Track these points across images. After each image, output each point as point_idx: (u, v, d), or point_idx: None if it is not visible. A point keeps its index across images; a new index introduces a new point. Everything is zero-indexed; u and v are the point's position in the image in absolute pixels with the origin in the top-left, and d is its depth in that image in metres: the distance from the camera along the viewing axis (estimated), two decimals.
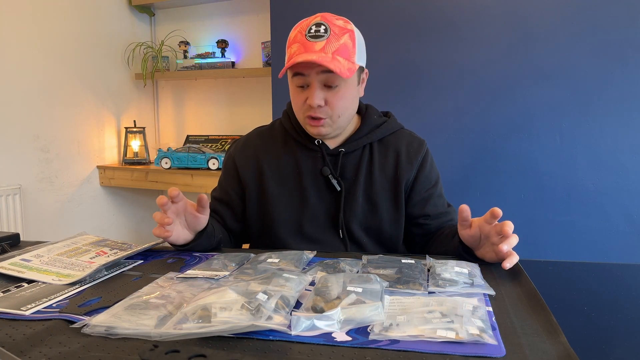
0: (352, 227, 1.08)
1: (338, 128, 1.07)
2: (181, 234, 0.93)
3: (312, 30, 0.98)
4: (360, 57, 1.02)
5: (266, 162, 1.12)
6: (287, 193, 1.10)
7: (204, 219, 0.95)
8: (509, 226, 0.80)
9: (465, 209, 0.86)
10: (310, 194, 1.09)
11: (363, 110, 1.15)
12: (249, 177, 1.13)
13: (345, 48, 0.98)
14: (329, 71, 0.97)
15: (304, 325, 0.57)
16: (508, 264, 0.79)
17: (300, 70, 0.99)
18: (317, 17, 1.00)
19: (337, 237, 1.09)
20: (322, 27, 0.98)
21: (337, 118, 1.04)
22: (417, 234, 1.13)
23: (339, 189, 1.08)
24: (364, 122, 1.12)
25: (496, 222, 0.82)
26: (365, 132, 1.11)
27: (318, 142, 1.10)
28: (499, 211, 0.80)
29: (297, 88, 1.03)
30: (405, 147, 1.12)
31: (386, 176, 1.10)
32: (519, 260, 0.84)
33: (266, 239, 1.12)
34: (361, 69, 1.06)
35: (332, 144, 1.11)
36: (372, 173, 1.09)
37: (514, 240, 0.81)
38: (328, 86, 1.00)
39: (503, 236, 0.80)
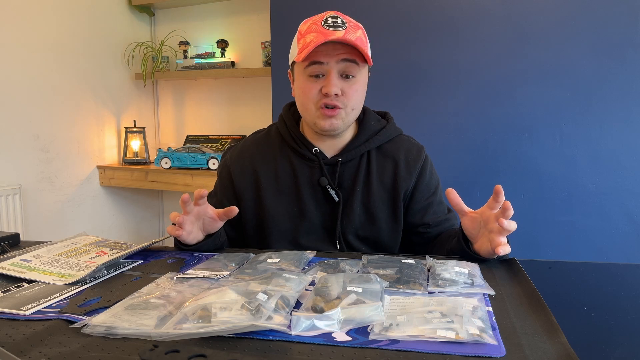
0: (349, 238, 1.07)
1: (348, 123, 1.05)
2: (196, 235, 0.95)
3: (329, 21, 0.97)
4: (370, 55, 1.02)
5: (263, 172, 1.10)
6: (284, 204, 1.08)
7: (220, 224, 0.97)
8: (510, 211, 0.80)
9: (449, 192, 0.87)
10: (308, 205, 1.07)
11: (361, 115, 1.12)
12: (245, 188, 1.11)
13: (361, 41, 0.99)
14: (349, 60, 0.97)
15: (304, 325, 0.57)
16: (502, 250, 0.80)
17: (320, 58, 0.97)
18: (330, 12, 1.00)
19: (333, 248, 1.07)
20: (339, 19, 0.98)
21: (350, 111, 1.02)
22: (417, 243, 1.12)
23: (337, 199, 1.06)
24: (362, 129, 1.09)
25: (499, 208, 0.82)
26: (363, 140, 1.08)
27: (315, 150, 1.08)
28: (500, 189, 0.81)
29: (310, 78, 1.00)
30: (404, 156, 1.09)
31: (384, 186, 1.08)
32: (519, 260, 0.84)
33: (262, 246, 1.10)
34: (369, 67, 1.05)
35: (329, 153, 1.09)
36: (370, 183, 1.07)
37: (514, 224, 0.81)
38: (344, 77, 0.99)
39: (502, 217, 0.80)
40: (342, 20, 0.98)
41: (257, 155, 1.12)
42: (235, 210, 0.94)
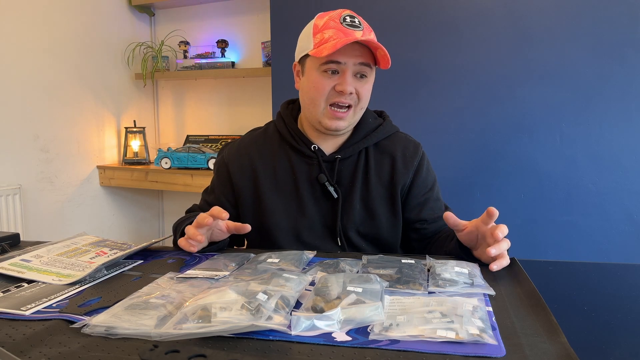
0: (349, 235, 1.07)
1: (353, 123, 1.07)
2: (203, 244, 0.95)
3: (348, 20, 0.99)
4: None
5: (261, 169, 1.10)
6: (283, 201, 1.08)
7: (227, 235, 0.98)
8: (501, 231, 0.80)
9: (447, 216, 0.87)
10: (307, 202, 1.07)
11: None
12: (243, 185, 1.11)
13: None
14: (365, 63, 0.99)
15: (304, 325, 0.57)
16: (495, 266, 0.79)
17: (338, 57, 0.97)
18: (346, 10, 1.01)
19: (335, 244, 1.08)
20: (356, 19, 1.00)
21: (359, 110, 1.04)
22: (415, 239, 1.12)
23: (335, 196, 1.07)
24: (360, 126, 1.10)
25: (492, 224, 0.82)
26: (361, 137, 1.09)
27: (314, 147, 1.08)
28: (494, 211, 0.80)
29: (325, 73, 1.00)
30: (401, 152, 1.10)
31: (382, 182, 1.09)
32: (519, 260, 0.84)
33: (264, 245, 1.10)
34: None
35: (328, 150, 1.09)
36: (368, 179, 1.08)
37: (504, 244, 0.81)
38: (358, 77, 1.01)
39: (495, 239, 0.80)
40: (359, 21, 1.00)
41: (255, 152, 1.12)
42: (248, 228, 0.95)
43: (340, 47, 0.94)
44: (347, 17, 0.99)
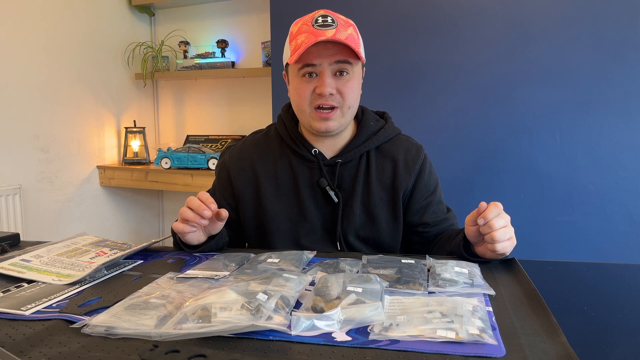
0: (349, 239, 1.07)
1: (345, 123, 1.04)
2: (200, 236, 0.95)
3: (320, 20, 0.97)
4: (363, 52, 1.02)
5: (262, 173, 1.10)
6: (284, 205, 1.08)
7: (220, 225, 0.97)
8: (484, 216, 0.80)
9: (482, 206, 0.85)
10: (308, 206, 1.07)
11: (359, 115, 1.12)
12: (244, 188, 1.11)
13: (353, 38, 0.98)
14: (342, 61, 0.97)
15: (304, 325, 0.57)
16: (499, 247, 0.80)
17: (312, 60, 0.96)
18: (320, 11, 1.00)
19: (334, 249, 1.07)
20: (329, 17, 0.98)
21: (347, 109, 1.02)
22: (416, 242, 1.12)
23: (336, 200, 1.06)
24: (361, 129, 1.09)
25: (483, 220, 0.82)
26: (362, 140, 1.08)
27: (315, 152, 1.07)
28: (484, 213, 0.81)
29: (303, 78, 0.99)
30: (403, 155, 1.09)
31: (384, 186, 1.08)
32: (519, 260, 0.84)
33: (264, 247, 1.10)
34: (363, 64, 1.05)
35: (328, 154, 1.09)
36: (369, 183, 1.07)
37: (500, 220, 0.81)
38: (338, 75, 0.99)
39: (489, 229, 0.81)
40: (332, 19, 0.97)
41: (256, 155, 1.12)
42: (225, 214, 0.93)
43: (305, 48, 0.93)
44: (320, 18, 0.97)
